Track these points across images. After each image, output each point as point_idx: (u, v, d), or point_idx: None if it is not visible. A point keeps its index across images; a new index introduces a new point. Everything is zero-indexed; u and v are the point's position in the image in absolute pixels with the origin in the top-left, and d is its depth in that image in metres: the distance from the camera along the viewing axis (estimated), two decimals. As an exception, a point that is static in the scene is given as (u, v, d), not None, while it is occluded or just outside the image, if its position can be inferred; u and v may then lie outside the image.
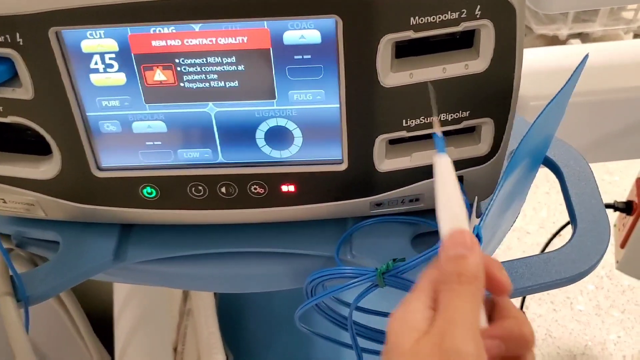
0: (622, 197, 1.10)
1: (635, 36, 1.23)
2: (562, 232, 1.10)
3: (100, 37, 0.45)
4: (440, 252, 0.36)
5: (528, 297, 1.46)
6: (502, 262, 0.51)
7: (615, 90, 0.92)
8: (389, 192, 0.52)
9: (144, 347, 0.88)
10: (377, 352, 0.54)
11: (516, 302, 1.47)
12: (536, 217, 1.66)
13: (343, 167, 0.51)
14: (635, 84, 0.90)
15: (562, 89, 0.46)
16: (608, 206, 1.06)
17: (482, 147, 0.50)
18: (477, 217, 0.48)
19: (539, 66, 0.90)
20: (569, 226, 1.05)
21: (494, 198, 0.45)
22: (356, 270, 0.47)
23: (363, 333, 0.54)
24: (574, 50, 1.01)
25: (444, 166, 0.39)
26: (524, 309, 1.21)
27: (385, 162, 0.51)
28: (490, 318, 0.37)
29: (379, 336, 0.54)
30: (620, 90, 0.92)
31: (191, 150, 0.51)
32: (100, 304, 0.95)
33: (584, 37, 1.22)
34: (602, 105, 0.92)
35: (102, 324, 0.91)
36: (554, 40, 1.21)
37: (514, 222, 0.59)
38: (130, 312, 0.91)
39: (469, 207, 0.50)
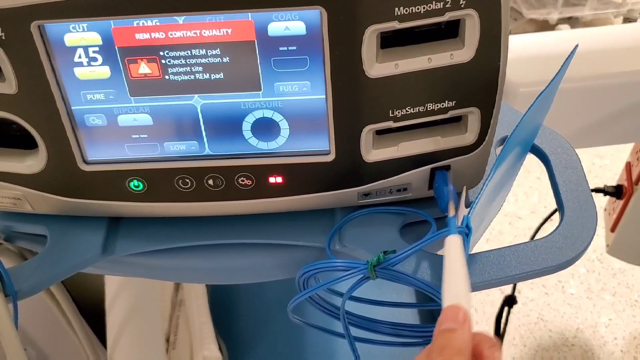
0: (613, 181, 1.10)
1: (625, 20, 1.23)
2: (553, 217, 1.10)
3: (84, 31, 0.45)
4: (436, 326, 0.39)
5: (520, 282, 1.47)
6: (489, 251, 0.51)
7: (605, 75, 0.92)
8: (376, 182, 0.52)
9: (136, 337, 0.88)
10: (369, 341, 0.55)
11: (508, 286, 1.48)
12: (527, 202, 1.67)
13: (330, 158, 0.51)
14: (625, 69, 0.91)
15: (552, 79, 0.46)
16: (598, 190, 1.07)
17: (469, 136, 0.50)
18: (466, 206, 0.49)
19: (529, 53, 0.90)
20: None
21: (484, 188, 0.45)
22: (348, 263, 0.47)
23: (355, 322, 0.54)
24: (563, 36, 1.01)
25: (453, 246, 0.42)
26: (515, 292, 1.22)
27: (373, 153, 0.51)
28: None
29: (371, 325, 0.54)
30: (611, 76, 0.92)
31: (177, 143, 0.51)
32: (91, 295, 0.95)
33: (574, 22, 1.22)
34: (592, 90, 0.92)
35: (94, 315, 0.91)
36: (544, 25, 1.21)
37: (499, 210, 0.60)
38: (122, 302, 0.91)
39: (457, 196, 0.50)
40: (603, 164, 1.73)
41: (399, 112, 0.48)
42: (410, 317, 0.84)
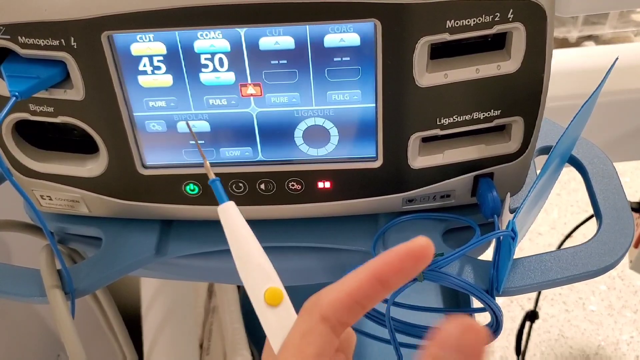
0: (634, 199, 1.12)
1: (645, 38, 1.25)
2: (573, 234, 1.12)
3: (150, 41, 0.48)
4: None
5: (541, 298, 1.48)
6: (531, 256, 0.53)
7: (625, 91, 0.94)
8: (421, 189, 0.54)
9: (171, 343, 0.90)
10: (413, 346, 0.56)
11: (530, 303, 1.48)
12: (547, 218, 1.68)
13: (377, 164, 0.53)
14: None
15: (593, 92, 0.48)
16: (621, 206, 1.08)
17: (512, 145, 0.52)
18: (511, 212, 0.51)
19: (555, 68, 0.92)
20: (582, 227, 1.07)
21: (529, 195, 0.47)
22: None
23: (399, 328, 0.55)
24: (589, 52, 1.03)
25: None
26: (537, 309, 1.23)
27: (419, 160, 0.53)
28: None
29: (415, 330, 0.55)
30: (631, 92, 0.94)
31: (232, 149, 0.53)
32: (127, 303, 0.97)
33: (594, 40, 1.24)
34: (612, 106, 0.94)
35: (126, 321, 0.93)
36: (563, 43, 1.23)
37: (536, 218, 0.61)
38: (158, 309, 0.93)
39: (500, 202, 0.52)
40: (624, 182, 1.73)
41: (446, 120, 0.50)
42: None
